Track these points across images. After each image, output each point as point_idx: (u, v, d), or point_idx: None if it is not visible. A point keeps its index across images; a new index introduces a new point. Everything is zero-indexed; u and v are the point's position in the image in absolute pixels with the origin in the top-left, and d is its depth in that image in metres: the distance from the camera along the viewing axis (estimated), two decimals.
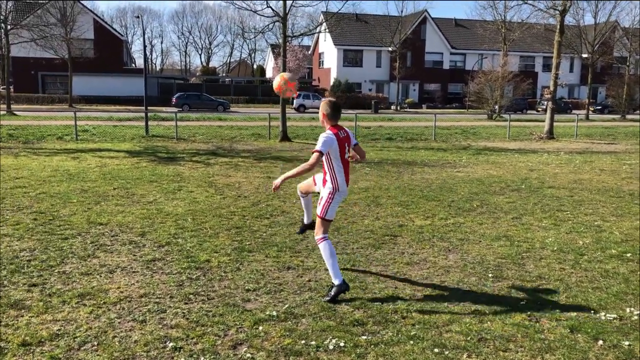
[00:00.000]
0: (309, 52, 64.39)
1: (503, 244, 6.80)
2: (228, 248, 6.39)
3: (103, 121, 29.16)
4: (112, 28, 54.68)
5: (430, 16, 58.92)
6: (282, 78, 5.34)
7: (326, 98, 5.28)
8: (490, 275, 5.66)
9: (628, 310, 4.79)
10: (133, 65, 67.67)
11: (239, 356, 3.87)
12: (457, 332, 4.27)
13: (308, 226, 5.85)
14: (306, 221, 5.86)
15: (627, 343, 4.16)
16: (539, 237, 7.15)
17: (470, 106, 47.76)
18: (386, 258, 6.17)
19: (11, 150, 15.83)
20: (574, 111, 52.72)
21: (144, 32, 37.50)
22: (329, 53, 60.09)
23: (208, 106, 44.25)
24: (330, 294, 4.89)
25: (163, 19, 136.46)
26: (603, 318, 4.61)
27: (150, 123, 24.36)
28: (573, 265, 6.03)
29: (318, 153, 4.84)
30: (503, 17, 44.53)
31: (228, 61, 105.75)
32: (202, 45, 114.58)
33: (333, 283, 4.94)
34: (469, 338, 4.19)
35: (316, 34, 61.60)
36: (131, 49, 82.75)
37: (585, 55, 45.56)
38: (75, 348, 3.93)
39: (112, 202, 8.81)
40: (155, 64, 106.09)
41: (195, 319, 4.43)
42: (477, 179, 11.93)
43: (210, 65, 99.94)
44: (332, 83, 55.74)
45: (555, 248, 6.65)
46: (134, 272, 5.52)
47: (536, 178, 12.25)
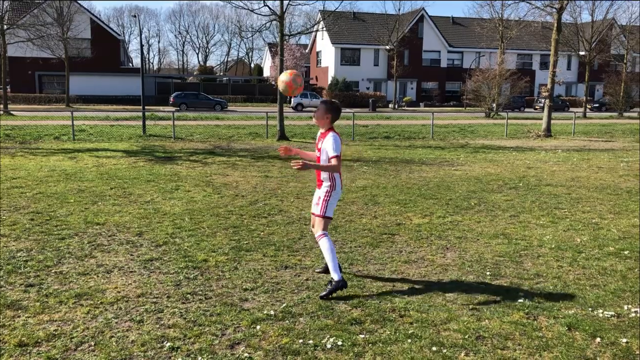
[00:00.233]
0: (307, 51, 64.34)
1: (501, 242, 6.80)
2: (226, 247, 6.38)
3: (100, 121, 29.13)
4: (109, 27, 54.56)
5: (427, 14, 58.93)
6: (292, 73, 5.14)
7: (328, 99, 5.19)
8: (488, 273, 5.66)
9: (626, 307, 4.79)
10: (130, 64, 67.58)
11: (237, 356, 3.86)
12: (455, 331, 4.27)
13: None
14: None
15: (625, 340, 4.16)
16: (537, 235, 7.15)
17: (467, 104, 47.87)
18: (384, 256, 6.17)
19: (8, 150, 15.79)
20: (572, 109, 52.87)
21: (141, 32, 37.50)
22: (327, 52, 60.08)
23: (205, 105, 44.24)
24: (327, 288, 4.94)
25: (160, 18, 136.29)
26: (601, 315, 4.61)
27: (147, 122, 24.36)
28: (571, 262, 6.04)
29: (338, 157, 4.93)
30: (500, 15, 44.55)
31: (225, 60, 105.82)
32: (200, 44, 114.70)
33: (332, 278, 4.97)
34: (467, 336, 4.18)
35: (313, 33, 61.58)
36: (128, 49, 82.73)
37: (582, 53, 45.68)
38: (72, 348, 3.92)
39: (109, 202, 8.80)
40: (152, 64, 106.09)
41: (192, 319, 4.42)
42: (475, 177, 11.93)
43: (207, 64, 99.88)
44: (330, 82, 55.75)
45: (552, 246, 6.66)
46: (131, 272, 5.51)
47: (534, 176, 12.26)
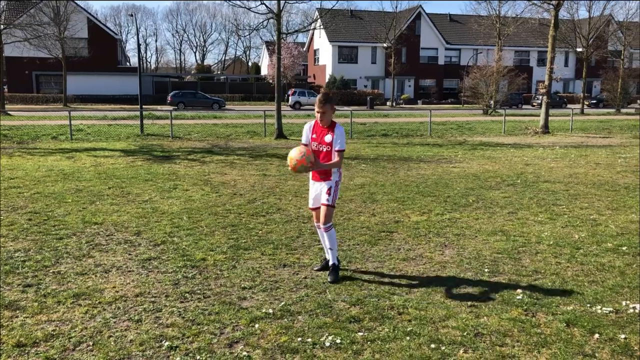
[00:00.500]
0: (304, 49, 64.30)
1: (499, 239, 6.80)
2: (224, 246, 6.37)
3: (98, 120, 29.08)
4: (106, 27, 54.45)
5: (424, 12, 58.87)
6: (307, 153, 5.08)
7: (325, 93, 5.25)
8: (486, 270, 5.67)
9: (624, 303, 4.79)
10: (127, 64, 67.44)
11: (235, 354, 3.85)
12: (454, 328, 4.27)
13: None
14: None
15: (623, 336, 4.16)
16: (535, 232, 7.16)
17: (465, 101, 47.84)
18: (382, 254, 6.17)
19: (5, 150, 15.76)
20: (569, 105, 52.85)
21: (138, 31, 37.39)
22: (324, 50, 60.02)
23: (203, 104, 44.16)
24: (332, 275, 5.30)
25: (157, 17, 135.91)
26: (599, 312, 4.61)
27: (145, 122, 24.32)
28: (569, 259, 6.04)
29: (344, 151, 5.21)
30: (497, 12, 44.54)
31: (223, 59, 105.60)
32: (197, 43, 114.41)
33: (335, 264, 5.34)
34: (466, 333, 4.18)
35: (311, 31, 61.47)
36: (125, 48, 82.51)
37: (579, 49, 45.65)
38: (70, 348, 3.91)
39: (107, 202, 8.78)
40: (149, 63, 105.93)
41: (191, 318, 4.41)
42: (473, 174, 11.94)
43: (205, 63, 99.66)
44: (328, 80, 55.71)
45: (551, 242, 6.66)
46: (130, 272, 5.50)
47: (532, 172, 12.26)
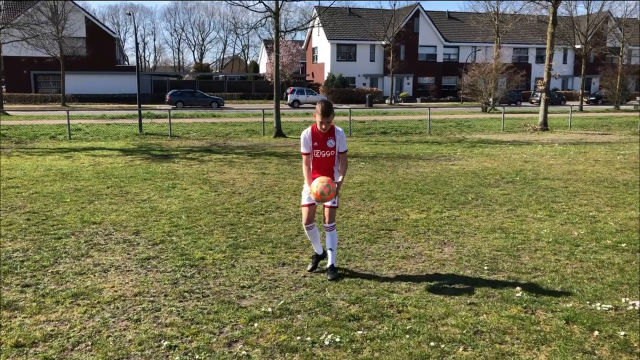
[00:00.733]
0: (302, 47, 64.26)
1: (498, 236, 6.80)
2: (223, 245, 6.36)
3: (96, 120, 29.04)
4: (104, 26, 54.35)
5: (423, 9, 58.87)
6: (327, 183, 5.04)
7: (325, 100, 5.31)
8: (485, 267, 5.66)
9: (623, 300, 4.79)
10: (126, 63, 67.30)
11: (234, 353, 3.85)
12: (453, 326, 4.26)
13: (322, 257, 5.66)
14: (320, 252, 5.65)
15: (623, 333, 4.16)
16: (534, 229, 7.15)
17: (464, 99, 47.86)
18: (381, 252, 6.16)
19: (4, 150, 15.73)
20: (568, 102, 52.88)
21: (136, 30, 37.36)
22: (323, 48, 59.97)
23: (202, 103, 44.13)
24: (332, 273, 5.34)
25: (155, 16, 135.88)
26: (599, 308, 4.61)
27: (143, 121, 24.29)
28: (568, 256, 6.04)
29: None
30: (496, 9, 44.51)
31: (221, 57, 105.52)
32: (195, 41, 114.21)
33: (332, 265, 5.40)
34: (465, 331, 4.18)
35: (309, 29, 61.44)
36: (124, 47, 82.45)
37: (578, 46, 45.66)
38: (69, 348, 3.90)
39: (106, 201, 8.77)
40: (148, 62, 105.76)
41: (190, 317, 4.41)
42: (472, 172, 11.93)
43: (203, 61, 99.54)
44: (326, 78, 55.68)
45: (550, 239, 6.66)
46: (128, 271, 5.49)
47: (531, 170, 12.26)
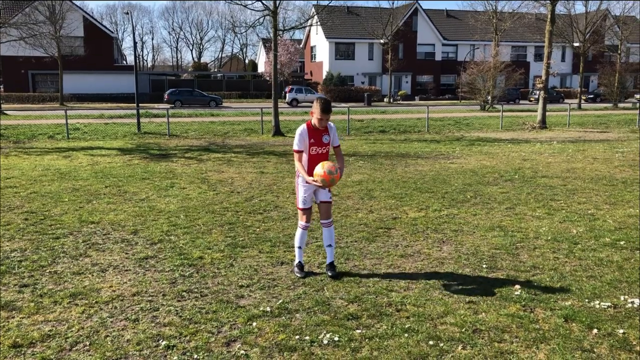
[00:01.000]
0: (301, 46, 64.20)
1: (497, 235, 6.79)
2: (221, 244, 6.35)
3: (94, 119, 29.00)
4: (102, 25, 54.26)
5: (421, 7, 58.79)
6: (327, 166, 4.99)
7: (323, 97, 5.27)
8: (484, 266, 5.66)
9: (622, 298, 4.79)
10: (124, 62, 67.16)
11: (233, 353, 3.84)
12: (452, 324, 4.26)
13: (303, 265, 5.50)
14: (302, 260, 5.51)
15: (622, 331, 4.15)
16: (533, 227, 7.15)
17: (462, 97, 47.85)
18: (380, 251, 6.15)
19: (2, 150, 15.70)
20: (566, 100, 52.90)
21: (134, 29, 37.26)
22: (321, 46, 59.90)
23: (200, 102, 44.06)
24: (333, 270, 5.36)
25: (153, 15, 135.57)
26: (597, 306, 4.60)
27: (142, 120, 24.25)
28: (567, 254, 6.03)
29: None
30: (494, 7, 44.48)
31: (220, 56, 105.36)
32: (193, 40, 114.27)
33: (332, 262, 5.41)
34: (464, 329, 4.17)
35: (307, 28, 61.36)
36: (122, 46, 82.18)
37: (576, 44, 45.66)
38: (66, 348, 3.89)
39: (104, 201, 8.75)
40: (146, 61, 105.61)
41: (188, 317, 4.39)
42: (471, 170, 11.92)
43: (201, 60, 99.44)
44: (325, 76, 55.63)
45: (549, 237, 6.65)
46: (126, 271, 5.48)
47: (529, 168, 12.26)
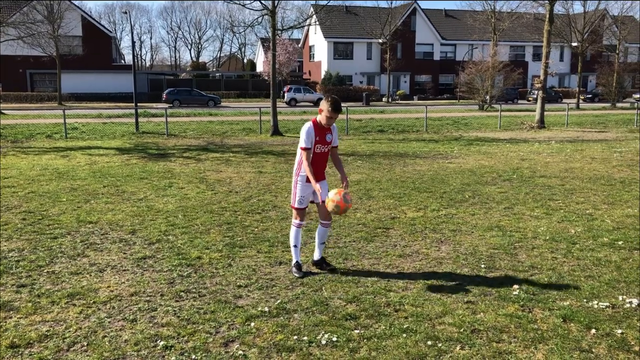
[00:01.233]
0: (299, 45, 64.14)
1: (495, 235, 6.79)
2: (219, 244, 6.34)
3: (92, 119, 28.95)
4: (101, 24, 54.17)
5: (420, 7, 58.80)
6: (341, 192, 5.09)
7: (333, 96, 5.26)
8: (482, 266, 5.65)
9: (620, 298, 4.79)
10: (122, 61, 67.05)
11: (231, 353, 3.83)
12: (450, 324, 4.26)
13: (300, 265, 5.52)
14: (299, 259, 5.55)
15: (620, 331, 4.15)
16: (531, 227, 7.15)
17: (461, 97, 47.82)
18: (378, 251, 6.15)
19: (0, 149, 15.68)
20: (565, 100, 52.94)
21: (133, 28, 37.21)
22: (320, 46, 59.89)
23: (199, 101, 44.01)
24: (329, 265, 5.52)
25: (152, 14, 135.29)
26: (596, 306, 4.60)
27: (140, 120, 24.22)
28: (565, 254, 6.03)
29: None
30: (493, 7, 44.50)
31: (218, 56, 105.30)
32: (192, 40, 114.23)
33: (324, 258, 5.56)
34: (462, 330, 4.17)
35: (306, 27, 61.34)
36: (120, 46, 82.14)
37: (575, 44, 45.71)
38: (64, 349, 3.88)
39: (102, 200, 8.74)
40: (144, 60, 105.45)
41: (186, 317, 4.39)
42: (469, 170, 11.93)
43: (200, 60, 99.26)
44: (323, 76, 55.61)
45: (547, 237, 6.65)
46: (124, 271, 5.47)
47: (528, 167, 12.26)
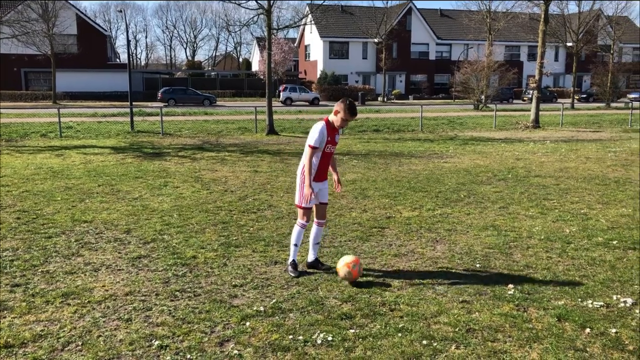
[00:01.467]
0: (295, 45, 64.11)
1: (490, 234, 6.81)
2: (215, 243, 6.33)
3: (87, 117, 28.85)
4: (96, 23, 53.97)
5: (415, 7, 58.84)
6: (356, 263, 5.06)
7: (348, 100, 5.14)
8: (477, 265, 5.67)
9: (615, 297, 4.81)
10: (117, 60, 66.87)
11: (226, 353, 3.82)
12: (446, 324, 4.26)
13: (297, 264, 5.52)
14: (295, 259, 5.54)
15: (614, 330, 4.17)
16: (526, 226, 7.17)
17: (456, 96, 47.95)
18: (374, 250, 6.15)
19: None
20: (560, 100, 53.09)
21: (128, 27, 37.14)
22: (315, 45, 59.86)
23: (194, 101, 43.95)
24: (323, 264, 5.56)
25: (147, 13, 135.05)
26: (590, 306, 4.62)
27: (135, 119, 24.14)
28: (560, 253, 6.05)
29: None
30: (488, 7, 44.60)
31: (214, 55, 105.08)
32: (187, 39, 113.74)
33: (317, 257, 5.60)
34: (457, 329, 4.18)
35: (302, 26, 61.33)
36: (115, 44, 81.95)
37: (569, 44, 45.84)
38: (58, 349, 3.87)
39: (97, 199, 8.71)
40: (140, 59, 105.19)
41: (181, 317, 4.38)
42: (464, 169, 11.95)
43: (195, 59, 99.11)
44: (319, 75, 55.60)
45: (542, 237, 6.67)
46: (119, 270, 5.46)
47: (522, 167, 12.29)
